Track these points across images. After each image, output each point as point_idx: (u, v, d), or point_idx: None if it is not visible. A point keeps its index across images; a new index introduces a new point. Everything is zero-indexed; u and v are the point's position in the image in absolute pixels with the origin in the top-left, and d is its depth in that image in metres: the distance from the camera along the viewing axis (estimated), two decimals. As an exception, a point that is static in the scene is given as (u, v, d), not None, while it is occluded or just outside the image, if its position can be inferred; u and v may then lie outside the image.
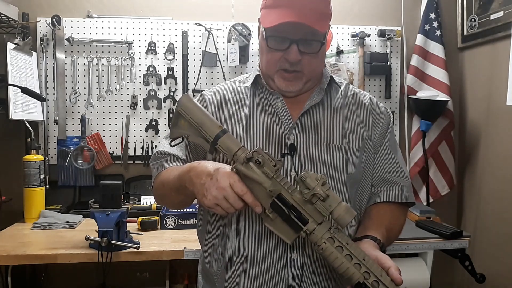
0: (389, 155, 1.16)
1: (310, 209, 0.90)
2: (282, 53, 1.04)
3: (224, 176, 0.91)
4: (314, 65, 1.08)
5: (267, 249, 1.03)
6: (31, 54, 2.26)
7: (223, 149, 0.96)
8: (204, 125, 0.99)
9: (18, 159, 2.12)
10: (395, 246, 1.83)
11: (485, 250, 2.28)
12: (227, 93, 1.17)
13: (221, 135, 0.96)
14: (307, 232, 0.90)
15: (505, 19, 2.14)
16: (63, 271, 2.29)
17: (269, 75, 1.10)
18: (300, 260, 1.02)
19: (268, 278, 1.03)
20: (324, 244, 0.88)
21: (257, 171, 0.91)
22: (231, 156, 0.95)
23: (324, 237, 0.89)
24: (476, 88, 2.47)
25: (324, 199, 0.87)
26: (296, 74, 1.07)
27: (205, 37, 2.38)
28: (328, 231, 0.89)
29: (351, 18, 2.57)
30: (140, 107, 2.41)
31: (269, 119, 1.10)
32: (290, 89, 1.09)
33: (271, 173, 0.91)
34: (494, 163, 2.28)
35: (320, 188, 0.87)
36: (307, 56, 1.05)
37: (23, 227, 1.99)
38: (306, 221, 0.90)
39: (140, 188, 2.40)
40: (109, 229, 1.62)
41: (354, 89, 1.21)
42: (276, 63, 1.06)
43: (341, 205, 0.87)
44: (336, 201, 0.88)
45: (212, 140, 0.97)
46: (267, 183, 0.91)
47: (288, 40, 1.03)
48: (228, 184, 0.90)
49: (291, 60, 1.04)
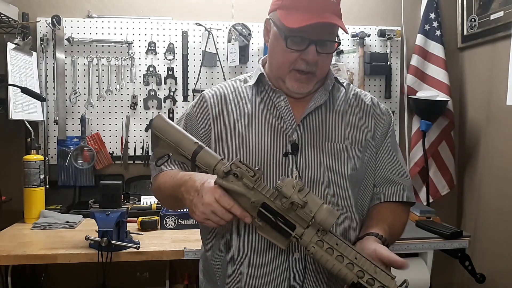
0: (390, 155, 1.16)
1: (294, 215, 0.90)
2: (298, 54, 1.04)
3: (208, 192, 0.92)
4: (326, 66, 1.10)
5: (268, 249, 1.03)
6: (31, 54, 2.26)
7: (202, 165, 0.96)
8: (181, 144, 0.99)
9: (18, 159, 2.12)
10: (395, 246, 1.83)
11: (485, 250, 2.28)
12: (228, 92, 1.16)
13: (199, 150, 0.96)
14: (296, 237, 0.90)
15: (505, 19, 2.14)
16: (63, 271, 2.29)
17: (280, 75, 1.10)
18: (303, 260, 1.02)
19: (270, 278, 1.03)
20: (313, 248, 0.88)
21: (237, 184, 0.91)
22: (211, 171, 0.95)
23: (313, 240, 0.89)
24: (476, 88, 2.47)
25: (303, 206, 0.87)
26: (310, 76, 1.07)
27: (205, 37, 2.38)
28: (315, 235, 0.89)
29: (351, 18, 2.57)
30: (140, 107, 2.41)
31: (272, 118, 1.10)
32: (301, 90, 1.09)
33: (251, 183, 0.91)
34: (494, 163, 2.28)
35: (297, 195, 0.87)
36: (322, 56, 1.05)
37: (23, 227, 1.99)
38: (293, 227, 0.90)
39: (140, 188, 2.40)
40: (109, 229, 1.62)
41: (355, 89, 1.21)
42: (291, 64, 1.06)
43: (322, 208, 0.87)
44: (317, 204, 0.87)
45: (191, 157, 0.97)
46: (249, 194, 0.91)
47: (307, 40, 1.03)
48: (213, 199, 0.91)
49: (310, 60, 1.04)
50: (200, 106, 1.17)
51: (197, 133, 1.13)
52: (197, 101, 1.19)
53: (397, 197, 1.14)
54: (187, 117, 1.17)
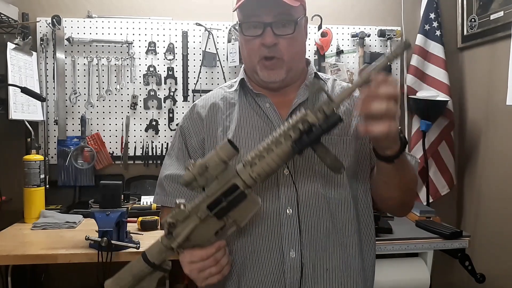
0: None
1: (219, 181, 0.91)
2: (259, 40, 1.04)
3: (183, 264, 0.97)
4: (292, 49, 1.07)
5: (264, 250, 1.03)
6: (31, 54, 2.26)
7: (162, 258, 0.96)
8: (136, 274, 0.97)
9: (18, 159, 2.12)
10: (395, 246, 1.83)
11: (485, 250, 2.28)
12: (217, 100, 1.17)
13: (145, 257, 0.96)
14: (244, 186, 0.91)
15: (505, 19, 2.14)
16: (63, 271, 2.29)
17: (253, 69, 1.10)
18: (299, 259, 1.02)
19: (267, 279, 1.03)
20: (253, 172, 0.89)
21: (182, 228, 0.92)
22: (168, 250, 0.95)
23: (247, 170, 0.90)
24: (476, 88, 2.47)
25: (208, 166, 0.88)
26: (276, 61, 1.06)
27: (205, 37, 2.38)
28: (244, 167, 0.90)
29: (351, 18, 2.57)
30: (140, 107, 2.41)
31: (259, 121, 1.10)
32: (272, 78, 1.08)
33: (185, 213, 0.92)
34: (494, 163, 2.28)
35: (195, 170, 0.88)
36: (283, 40, 1.05)
37: (23, 227, 1.99)
38: (234, 186, 0.90)
39: (140, 188, 2.40)
40: (109, 229, 1.62)
41: (342, 84, 1.20)
42: (256, 52, 1.06)
43: (222, 149, 0.88)
44: (213, 154, 0.89)
45: (152, 267, 0.96)
46: (193, 219, 0.92)
47: (261, 24, 1.03)
48: (191, 265, 0.94)
49: (267, 43, 1.03)
50: (190, 118, 1.17)
51: (191, 145, 1.14)
52: (188, 114, 1.19)
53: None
54: (181, 130, 1.18)
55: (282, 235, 1.02)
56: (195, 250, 0.94)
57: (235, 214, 0.92)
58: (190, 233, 0.92)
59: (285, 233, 1.02)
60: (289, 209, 1.03)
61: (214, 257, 0.94)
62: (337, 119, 0.87)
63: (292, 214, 1.02)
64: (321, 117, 0.88)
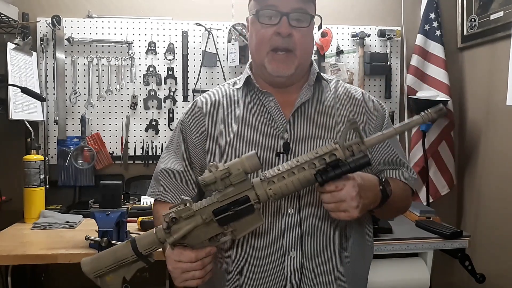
0: (388, 146, 1.13)
1: (235, 189, 0.90)
2: (273, 29, 1.05)
3: (168, 260, 0.95)
4: (305, 44, 1.09)
5: (264, 249, 1.03)
6: (31, 54, 2.26)
7: (150, 250, 0.95)
8: (119, 258, 0.96)
9: (18, 159, 2.12)
10: (395, 246, 1.83)
11: (485, 250, 2.28)
12: (220, 97, 1.17)
13: (134, 244, 0.95)
14: (255, 200, 0.90)
15: (505, 19, 2.14)
16: (63, 271, 2.29)
17: (261, 61, 1.09)
18: (299, 258, 1.02)
19: (267, 278, 1.03)
20: (270, 190, 0.90)
21: (183, 225, 0.91)
22: (159, 244, 0.95)
23: (265, 187, 0.90)
24: (476, 88, 2.47)
25: (230, 173, 0.88)
26: (288, 54, 1.07)
27: (205, 37, 2.38)
28: (262, 182, 0.90)
29: (351, 18, 2.57)
30: (140, 107, 2.41)
31: (263, 119, 1.10)
32: (281, 72, 1.08)
33: (191, 212, 0.91)
34: (494, 163, 2.28)
35: (218, 173, 0.88)
36: (297, 32, 1.05)
37: (23, 227, 1.99)
38: (245, 198, 0.90)
39: (140, 188, 2.40)
40: (109, 229, 1.62)
41: (344, 85, 1.20)
42: (267, 42, 1.06)
43: (243, 161, 0.89)
44: (237, 162, 0.89)
45: (136, 256, 0.95)
46: (197, 220, 0.91)
47: (278, 13, 1.04)
48: (176, 264, 0.93)
49: (283, 32, 1.04)
50: (192, 113, 1.17)
51: (191, 140, 1.14)
52: (189, 109, 1.19)
53: (397, 176, 1.12)
54: (181, 124, 1.18)
55: (283, 234, 1.02)
56: (186, 249, 0.93)
57: (237, 225, 0.92)
58: (188, 232, 0.92)
59: (286, 233, 1.02)
60: (290, 209, 1.03)
61: (202, 261, 0.93)
62: (366, 162, 0.90)
63: (294, 214, 1.03)
64: (348, 155, 0.90)
